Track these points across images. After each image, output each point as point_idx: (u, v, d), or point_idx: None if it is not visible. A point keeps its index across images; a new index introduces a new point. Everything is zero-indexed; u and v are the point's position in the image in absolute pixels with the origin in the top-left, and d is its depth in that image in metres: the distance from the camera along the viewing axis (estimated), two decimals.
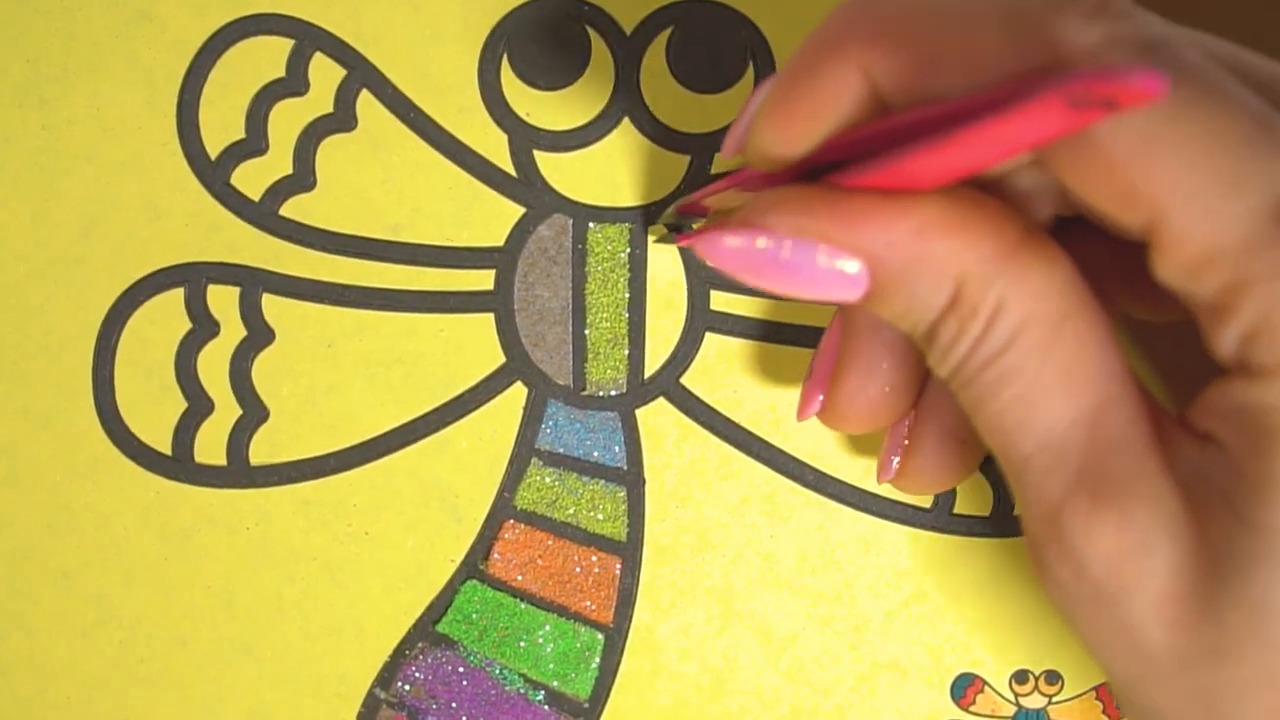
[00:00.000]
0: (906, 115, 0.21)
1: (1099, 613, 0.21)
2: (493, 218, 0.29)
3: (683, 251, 0.30)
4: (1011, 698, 0.30)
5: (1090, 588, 0.21)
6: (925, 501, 0.30)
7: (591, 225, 0.29)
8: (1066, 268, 0.21)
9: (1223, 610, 0.20)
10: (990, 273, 0.21)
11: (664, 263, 0.29)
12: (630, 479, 0.30)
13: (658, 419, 0.30)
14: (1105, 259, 0.23)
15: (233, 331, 0.29)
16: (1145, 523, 0.21)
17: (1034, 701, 0.30)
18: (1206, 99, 0.19)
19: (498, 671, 0.30)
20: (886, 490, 0.30)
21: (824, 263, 0.22)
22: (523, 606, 0.30)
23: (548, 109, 0.29)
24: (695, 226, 0.28)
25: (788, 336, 0.30)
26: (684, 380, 0.30)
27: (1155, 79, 0.16)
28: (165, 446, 0.30)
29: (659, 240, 0.29)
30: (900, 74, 0.21)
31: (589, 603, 0.30)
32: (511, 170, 0.29)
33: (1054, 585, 0.22)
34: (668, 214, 0.29)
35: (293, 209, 0.29)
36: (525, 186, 0.29)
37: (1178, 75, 0.19)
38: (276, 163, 0.29)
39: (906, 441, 0.27)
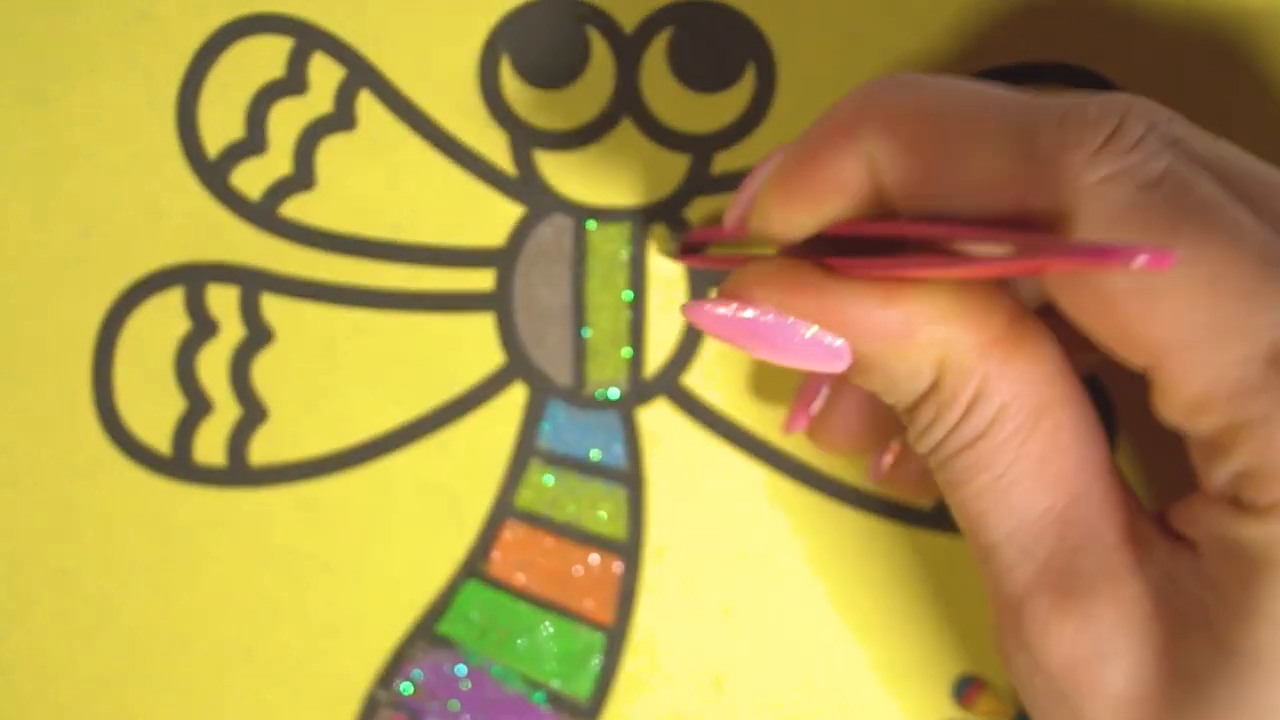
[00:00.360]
0: (906, 222, 0.21)
1: (1055, 708, 0.22)
2: (493, 218, 0.29)
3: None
4: (1013, 698, 0.30)
5: (1046, 683, 0.21)
6: (926, 502, 0.30)
7: (592, 225, 0.29)
8: (1050, 358, 0.21)
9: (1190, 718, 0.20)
10: (971, 362, 0.21)
11: (665, 262, 0.30)
12: (631, 479, 0.30)
13: (658, 419, 0.30)
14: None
15: (232, 332, 0.29)
16: (1107, 627, 0.21)
17: None
18: (1208, 239, 0.19)
19: (498, 672, 0.30)
20: (887, 491, 0.30)
21: (808, 335, 0.22)
22: (523, 606, 0.30)
23: (548, 109, 0.29)
24: (707, 250, 0.28)
25: None
26: (685, 380, 0.30)
27: (1160, 260, 0.16)
28: (165, 447, 0.30)
29: (662, 251, 0.29)
30: (905, 173, 0.21)
31: (589, 603, 0.30)
32: (511, 170, 0.29)
33: (1012, 672, 0.22)
34: (675, 235, 0.29)
35: (292, 209, 0.29)
36: (525, 186, 0.29)
37: (1181, 214, 0.19)
38: (276, 162, 0.29)
39: (891, 458, 0.27)
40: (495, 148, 0.29)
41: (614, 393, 0.30)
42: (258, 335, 0.29)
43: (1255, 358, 0.19)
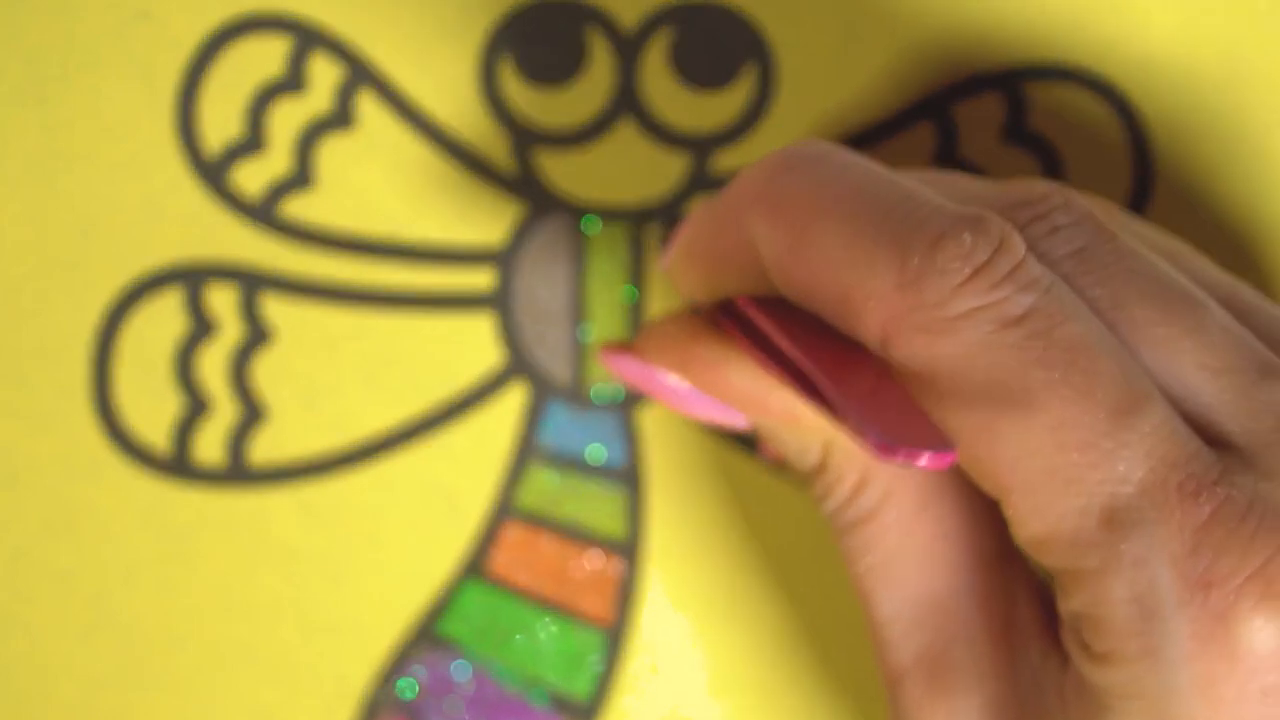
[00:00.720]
0: (774, 327, 0.21)
1: None
2: (492, 217, 0.29)
3: None
4: None
5: None
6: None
7: (592, 225, 0.29)
8: None
9: None
10: (855, 447, 0.21)
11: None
12: (631, 479, 0.30)
13: (659, 419, 0.30)
14: None
15: (231, 331, 0.29)
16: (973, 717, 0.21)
17: None
18: (1058, 385, 0.19)
19: (498, 672, 0.30)
20: None
21: (708, 402, 0.23)
22: (522, 606, 0.30)
23: (548, 108, 0.29)
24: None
25: None
26: None
27: (940, 459, 0.17)
28: (164, 447, 0.30)
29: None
30: (776, 264, 0.21)
31: (589, 603, 0.30)
32: (511, 169, 0.29)
33: None
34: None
35: (292, 208, 0.29)
36: (525, 186, 0.29)
37: (1035, 356, 0.19)
38: (275, 162, 0.29)
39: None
40: (495, 147, 0.29)
41: (614, 393, 0.30)
42: (257, 335, 0.29)
43: (1090, 511, 0.19)
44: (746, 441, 0.30)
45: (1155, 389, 0.19)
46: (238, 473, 0.30)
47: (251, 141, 0.29)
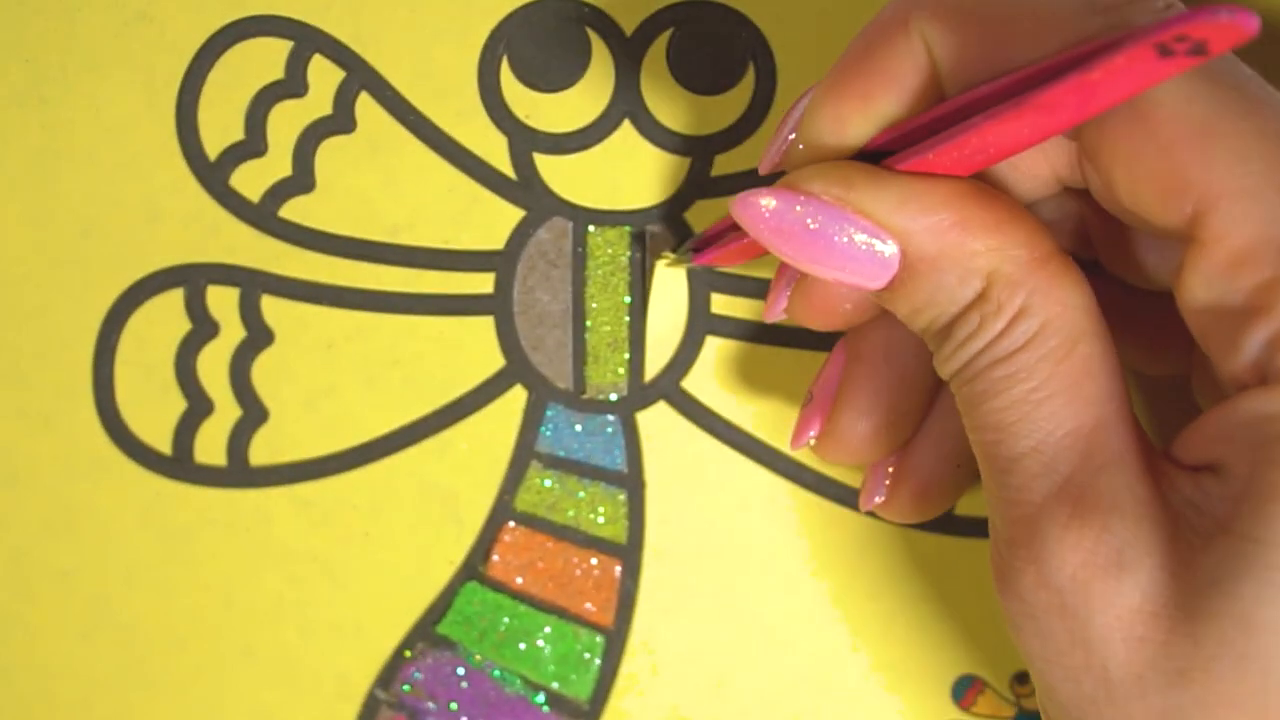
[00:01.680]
0: (961, 99, 0.21)
1: (1058, 626, 0.21)
2: (492, 220, 0.29)
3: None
4: (1013, 699, 0.30)
5: (1053, 598, 0.21)
6: (916, 520, 0.30)
7: (591, 228, 0.29)
8: (1088, 293, 0.21)
9: (1200, 626, 0.20)
10: (1020, 277, 0.21)
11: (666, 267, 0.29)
12: (631, 482, 0.30)
13: (658, 422, 0.30)
14: (1111, 305, 0.22)
15: (232, 332, 0.29)
16: (1126, 540, 0.20)
17: (1035, 703, 0.30)
18: (1264, 102, 0.19)
19: (497, 673, 0.30)
20: None
21: (859, 239, 0.22)
22: (523, 608, 0.30)
23: (547, 111, 0.29)
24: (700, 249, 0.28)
25: (788, 339, 0.30)
26: (684, 384, 0.30)
27: (1247, 16, 0.16)
28: (165, 447, 0.30)
29: (671, 264, 0.29)
30: (964, 48, 0.21)
31: (589, 605, 0.30)
32: (511, 173, 0.29)
33: (1013, 595, 0.22)
34: (683, 250, 0.28)
35: (292, 211, 0.29)
36: (525, 189, 0.29)
37: (1238, 80, 0.19)
38: (276, 164, 0.29)
39: (889, 481, 0.27)
40: (495, 150, 0.29)
41: (614, 396, 0.30)
42: (258, 336, 0.29)
43: None
44: (747, 444, 0.30)
45: None
46: (238, 473, 0.30)
47: (252, 144, 0.29)
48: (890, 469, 0.27)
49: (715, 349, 0.30)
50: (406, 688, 0.30)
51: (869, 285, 0.22)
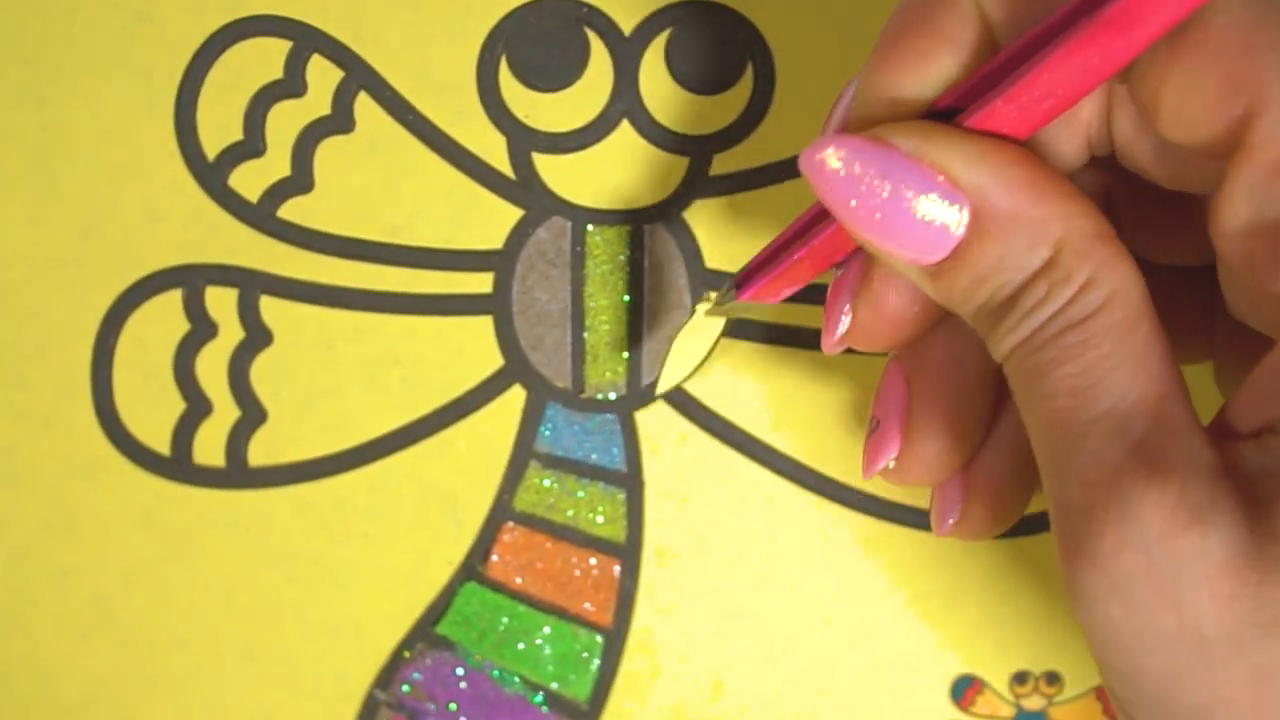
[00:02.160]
0: (1014, 46, 0.21)
1: (1146, 590, 0.21)
2: (491, 220, 0.29)
3: (686, 252, 0.29)
4: (1011, 699, 0.30)
5: (1139, 559, 0.20)
6: (924, 502, 0.30)
7: (590, 228, 0.29)
8: (1140, 273, 0.22)
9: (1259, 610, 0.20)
10: (1088, 247, 0.21)
11: (664, 265, 0.29)
12: (629, 481, 0.30)
13: (657, 422, 0.30)
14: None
15: (231, 333, 0.29)
16: (1204, 498, 0.20)
17: (1034, 703, 0.30)
18: None
19: (497, 673, 0.30)
20: (886, 491, 0.30)
21: (928, 199, 0.21)
22: (522, 608, 0.30)
23: (546, 111, 0.29)
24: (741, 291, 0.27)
25: (787, 338, 0.30)
26: (683, 383, 0.30)
27: None
28: (164, 448, 0.30)
29: (712, 311, 0.28)
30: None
31: (588, 605, 0.30)
32: (510, 172, 0.29)
33: (1092, 565, 0.21)
34: (724, 293, 0.28)
35: (291, 211, 0.29)
36: (524, 189, 0.29)
37: None
38: (274, 164, 0.29)
39: (961, 501, 0.26)
40: (493, 150, 0.29)
41: (612, 395, 0.30)
42: (256, 337, 0.29)
43: None
44: (745, 443, 0.30)
45: None
46: (237, 474, 0.30)
47: (251, 144, 0.29)
48: (959, 488, 0.26)
49: (715, 348, 0.30)
50: (406, 688, 0.30)
51: (930, 256, 0.22)
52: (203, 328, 0.29)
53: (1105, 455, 0.21)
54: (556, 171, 0.29)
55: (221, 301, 0.29)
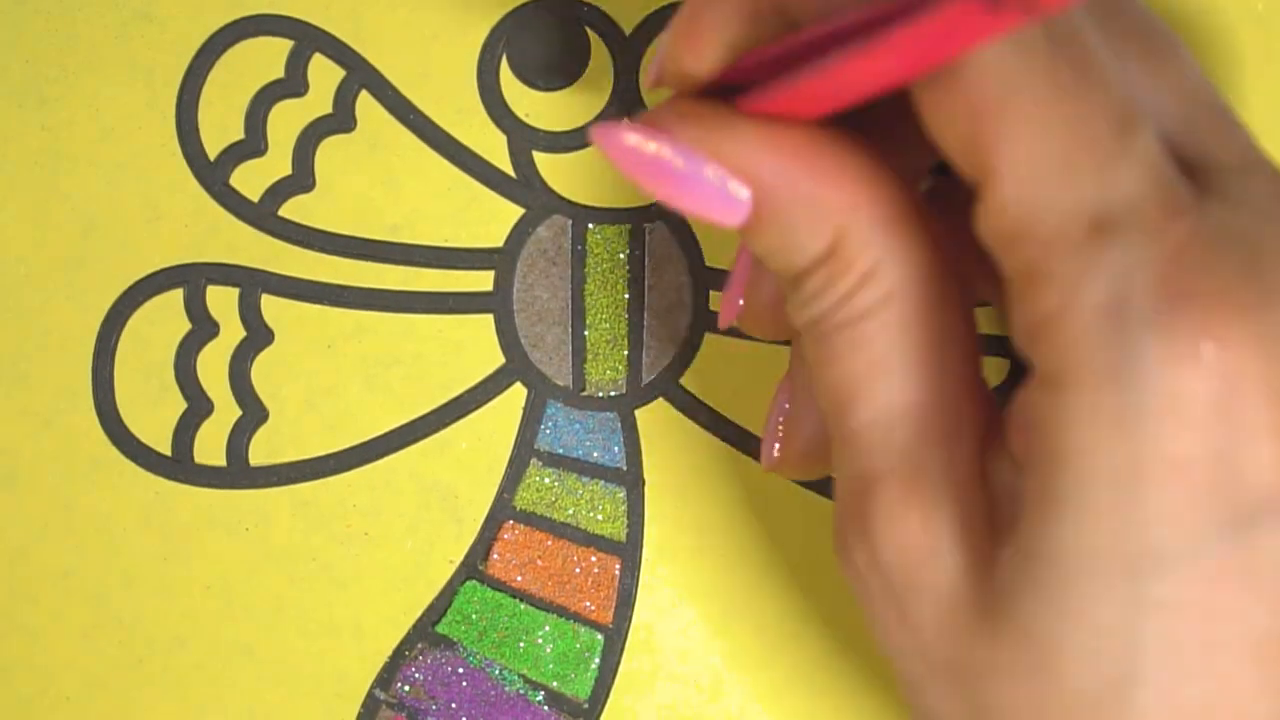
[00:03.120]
0: (814, 31, 0.20)
1: (886, 607, 0.21)
2: (492, 219, 0.29)
3: (686, 251, 0.29)
4: None
5: (882, 579, 0.21)
6: (814, 476, 0.29)
7: (590, 226, 0.29)
8: (942, 257, 0.21)
9: (996, 632, 0.20)
10: (873, 235, 0.21)
11: (664, 263, 0.29)
12: (630, 479, 0.30)
13: (657, 419, 0.30)
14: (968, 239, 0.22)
15: (232, 332, 0.29)
16: (946, 527, 0.20)
17: None
18: (1079, 82, 0.19)
19: (497, 672, 0.30)
20: None
21: (713, 179, 0.21)
22: (522, 607, 0.30)
23: (547, 110, 0.29)
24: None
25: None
26: (683, 381, 0.30)
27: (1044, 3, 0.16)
28: (165, 447, 0.30)
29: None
30: None
31: (588, 603, 0.30)
32: (510, 171, 0.29)
33: (849, 568, 0.22)
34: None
35: (292, 210, 0.29)
36: (524, 187, 0.29)
37: (1062, 49, 0.19)
38: (276, 163, 0.29)
39: (781, 427, 0.26)
40: (494, 149, 0.29)
41: (613, 393, 0.30)
42: (257, 336, 0.29)
43: (1080, 213, 0.19)
44: (745, 441, 0.30)
45: (1147, 114, 0.19)
46: (238, 473, 0.30)
47: (252, 143, 0.29)
48: (781, 426, 0.26)
49: (714, 346, 0.30)
50: (406, 688, 0.30)
51: (727, 222, 0.22)
52: (204, 327, 0.29)
53: (863, 466, 0.21)
54: (557, 170, 0.29)
55: (222, 300, 0.30)
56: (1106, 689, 0.19)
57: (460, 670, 0.30)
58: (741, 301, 0.26)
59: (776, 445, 0.26)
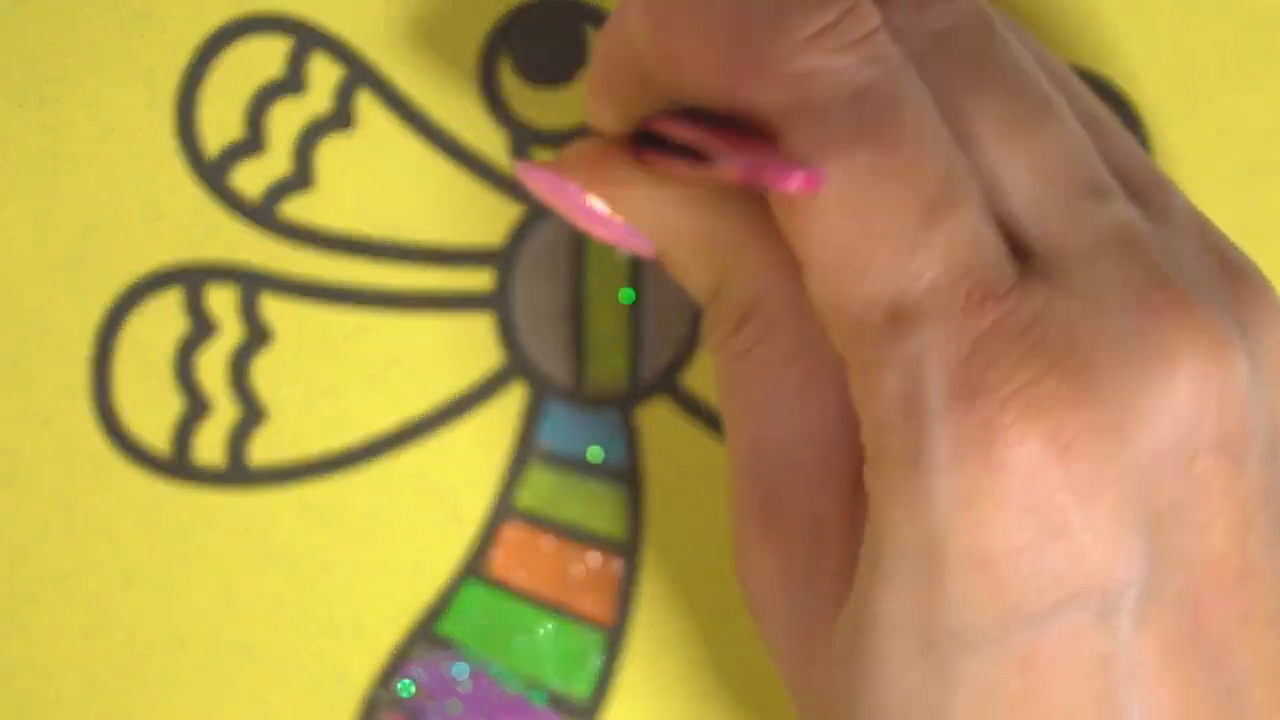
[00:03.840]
0: (670, 122, 0.21)
1: (760, 621, 0.22)
2: (492, 217, 0.29)
3: None
4: None
5: (753, 602, 0.22)
6: None
7: None
8: None
9: (828, 692, 0.21)
10: (749, 279, 0.22)
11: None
12: (631, 478, 0.30)
13: (658, 418, 0.30)
14: None
15: (231, 332, 0.29)
16: (795, 569, 0.21)
17: None
18: (883, 168, 0.19)
19: (497, 672, 0.30)
20: None
21: (618, 224, 0.22)
22: (522, 607, 0.30)
23: (547, 108, 0.29)
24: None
25: None
26: (684, 379, 0.30)
27: (807, 181, 0.17)
28: (163, 447, 0.30)
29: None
30: (644, 45, 0.21)
31: (589, 603, 0.30)
32: (511, 170, 0.29)
33: (739, 583, 0.23)
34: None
35: (291, 209, 0.29)
36: (525, 187, 0.29)
37: (866, 132, 0.19)
38: (275, 162, 0.29)
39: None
40: (495, 147, 0.29)
41: (613, 392, 0.30)
42: (257, 336, 0.29)
43: (878, 303, 0.19)
44: None
45: (975, 191, 0.19)
46: (237, 473, 0.30)
47: (251, 142, 0.29)
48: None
49: None
50: (406, 687, 0.30)
51: (642, 255, 0.23)
52: (202, 326, 0.29)
53: (739, 496, 0.22)
54: None
55: (221, 300, 0.29)
56: None
57: (460, 670, 0.30)
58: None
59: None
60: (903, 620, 0.19)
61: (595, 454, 0.30)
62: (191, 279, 0.30)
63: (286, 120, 0.29)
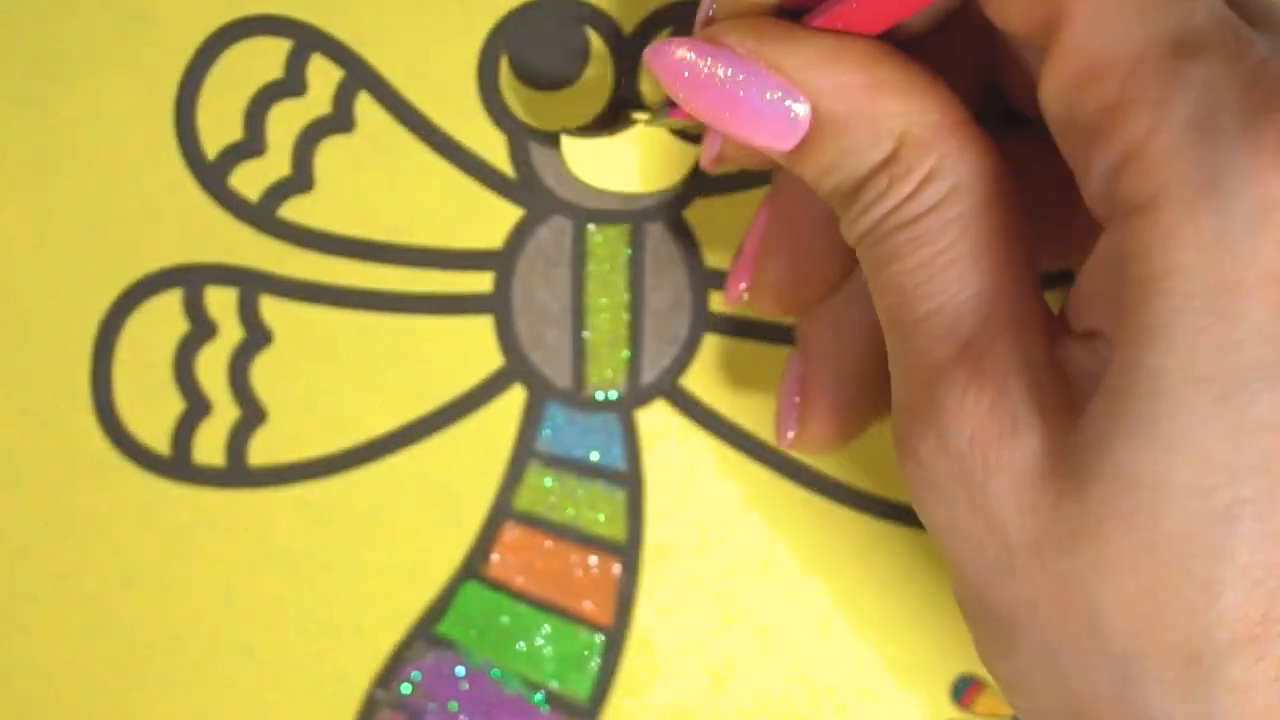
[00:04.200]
0: None
1: (958, 493, 0.21)
2: (491, 220, 0.29)
3: (686, 252, 0.29)
4: None
5: (951, 464, 0.21)
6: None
7: (590, 227, 0.29)
8: (997, 159, 0.22)
9: (1087, 488, 0.19)
10: (932, 139, 0.21)
11: (664, 264, 0.30)
12: (630, 480, 0.30)
13: (657, 420, 0.30)
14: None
15: (231, 333, 0.29)
16: (1020, 404, 0.20)
17: None
18: None
19: (497, 673, 0.30)
20: (886, 490, 0.30)
21: (771, 95, 0.22)
22: (522, 608, 0.30)
23: (547, 110, 0.29)
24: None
25: (787, 338, 0.30)
26: (683, 381, 0.30)
27: None
28: (164, 447, 0.30)
29: (650, 121, 0.28)
30: None
31: (588, 604, 0.30)
32: (510, 172, 0.29)
33: (914, 462, 0.22)
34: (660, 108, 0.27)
35: (291, 210, 0.29)
36: (524, 188, 0.29)
37: None
38: (275, 164, 0.29)
39: (798, 400, 0.27)
40: (494, 149, 0.29)
41: (613, 394, 0.30)
42: (256, 336, 0.29)
43: (1160, 38, 0.19)
44: (746, 442, 0.30)
45: None
46: (237, 473, 0.30)
47: (251, 144, 0.29)
48: (797, 399, 0.26)
49: (714, 346, 0.30)
50: (406, 688, 0.30)
51: (779, 145, 0.22)
52: (202, 327, 0.29)
53: (928, 356, 0.21)
54: (557, 171, 0.29)
55: (221, 301, 0.29)
56: (1204, 528, 0.19)
57: (460, 671, 0.30)
58: (743, 285, 0.26)
59: (791, 429, 0.26)
60: (1188, 371, 0.18)
61: (594, 456, 0.30)
62: (191, 280, 0.30)
63: (286, 122, 0.29)
